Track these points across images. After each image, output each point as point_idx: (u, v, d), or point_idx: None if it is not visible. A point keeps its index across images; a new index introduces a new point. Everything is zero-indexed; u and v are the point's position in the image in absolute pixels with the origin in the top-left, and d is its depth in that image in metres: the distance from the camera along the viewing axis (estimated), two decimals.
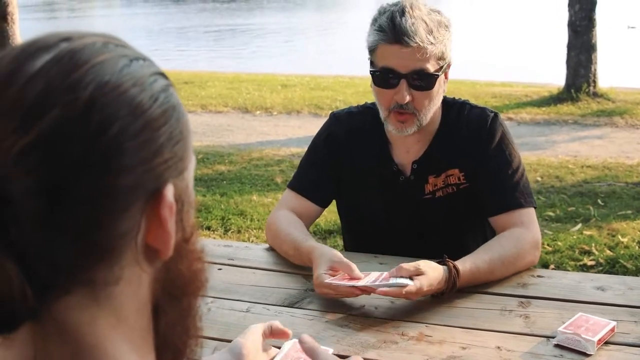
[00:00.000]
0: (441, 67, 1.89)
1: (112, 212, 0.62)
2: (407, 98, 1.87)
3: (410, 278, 1.64)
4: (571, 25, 8.74)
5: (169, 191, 0.66)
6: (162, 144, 0.65)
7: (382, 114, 1.96)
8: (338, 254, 1.76)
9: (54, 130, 0.59)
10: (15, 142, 0.58)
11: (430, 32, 1.83)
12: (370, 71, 1.93)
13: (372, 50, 1.92)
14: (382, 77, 1.90)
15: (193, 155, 0.73)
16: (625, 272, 3.83)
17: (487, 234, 2.06)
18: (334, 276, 1.71)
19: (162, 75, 0.70)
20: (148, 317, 0.70)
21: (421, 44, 1.82)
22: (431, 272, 1.67)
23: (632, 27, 16.39)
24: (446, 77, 1.96)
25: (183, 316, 0.74)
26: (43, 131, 0.58)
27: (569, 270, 3.63)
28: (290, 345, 1.46)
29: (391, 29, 1.83)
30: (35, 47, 0.63)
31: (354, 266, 1.70)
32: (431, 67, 1.86)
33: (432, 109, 1.94)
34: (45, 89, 0.60)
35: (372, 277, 1.69)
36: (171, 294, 0.72)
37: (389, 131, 2.00)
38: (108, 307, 0.65)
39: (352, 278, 1.69)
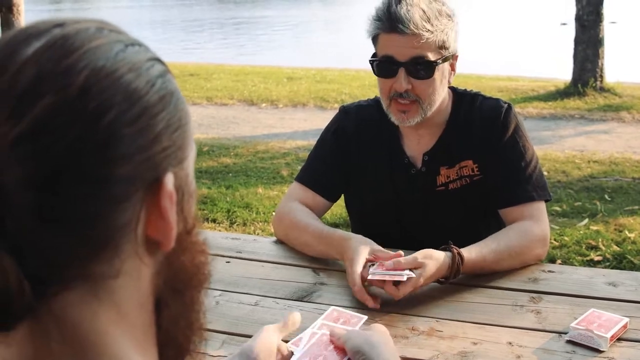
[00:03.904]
0: (443, 57, 1.88)
1: (110, 203, 0.60)
2: (405, 86, 1.87)
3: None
4: (578, 19, 8.70)
5: (169, 180, 0.64)
6: (160, 131, 0.63)
7: (384, 104, 1.96)
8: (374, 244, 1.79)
9: (47, 118, 0.57)
10: (8, 131, 0.56)
11: (428, 19, 1.83)
12: (370, 60, 1.94)
13: (374, 41, 1.93)
14: (382, 65, 1.91)
15: (194, 144, 0.71)
16: (633, 267, 3.81)
17: (502, 228, 2.03)
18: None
19: (159, 60, 0.68)
20: (150, 312, 0.69)
21: (416, 30, 1.81)
22: (431, 262, 1.67)
23: (613, 23, 16.33)
24: (453, 69, 1.95)
25: (186, 310, 0.72)
26: (36, 119, 0.57)
27: (575, 266, 3.61)
28: (307, 337, 1.42)
29: (387, 17, 1.84)
30: (27, 34, 0.61)
31: (400, 252, 1.71)
32: (431, 55, 1.86)
33: (436, 99, 1.92)
34: (37, 76, 0.58)
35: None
36: (174, 288, 0.70)
37: (393, 122, 1.99)
38: (109, 302, 0.63)
39: (388, 268, 1.66)
